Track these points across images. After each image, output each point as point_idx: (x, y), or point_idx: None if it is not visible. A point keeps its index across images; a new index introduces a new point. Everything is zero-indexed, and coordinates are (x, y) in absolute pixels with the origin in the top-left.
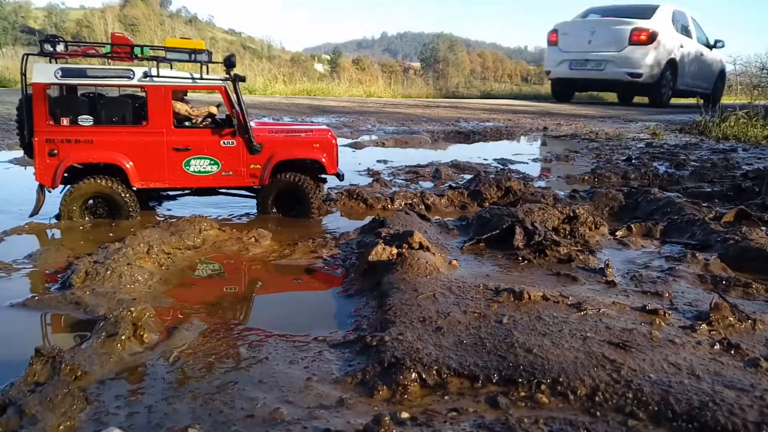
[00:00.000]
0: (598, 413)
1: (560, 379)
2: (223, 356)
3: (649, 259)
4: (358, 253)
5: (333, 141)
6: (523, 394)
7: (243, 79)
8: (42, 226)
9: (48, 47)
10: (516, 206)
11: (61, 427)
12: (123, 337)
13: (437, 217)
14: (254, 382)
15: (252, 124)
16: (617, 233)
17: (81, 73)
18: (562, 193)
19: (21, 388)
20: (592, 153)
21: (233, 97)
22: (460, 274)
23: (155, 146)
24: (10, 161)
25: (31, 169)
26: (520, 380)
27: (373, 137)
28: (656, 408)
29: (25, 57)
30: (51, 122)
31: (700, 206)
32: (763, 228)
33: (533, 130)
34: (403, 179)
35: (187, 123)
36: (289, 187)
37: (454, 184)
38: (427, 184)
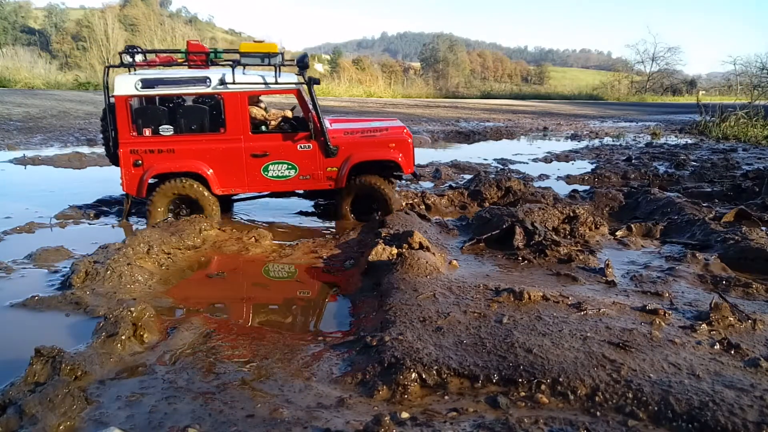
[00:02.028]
0: (598, 413)
1: (560, 379)
2: (223, 356)
3: (649, 259)
4: (358, 253)
5: (409, 140)
6: (523, 394)
7: (317, 82)
8: (42, 225)
9: (127, 58)
10: (516, 206)
11: (61, 427)
12: (123, 337)
13: (437, 217)
14: (255, 382)
15: (326, 122)
16: (617, 233)
17: (159, 83)
18: (562, 193)
19: (21, 388)
20: (592, 153)
21: (308, 100)
22: (460, 274)
23: (234, 153)
24: (10, 161)
25: (30, 169)
26: (520, 380)
27: None
28: (656, 408)
29: (107, 69)
30: (134, 133)
31: (700, 206)
32: (763, 228)
33: (533, 130)
34: (403, 179)
35: (263, 128)
36: (366, 191)
37: (454, 184)
38: (427, 184)
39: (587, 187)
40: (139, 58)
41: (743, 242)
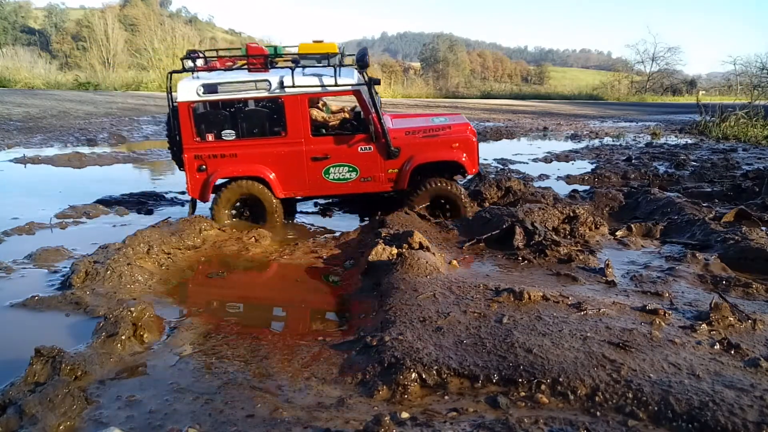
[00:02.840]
0: (598, 413)
1: (560, 379)
2: (223, 356)
3: (649, 259)
4: (358, 253)
5: (473, 138)
6: (523, 394)
7: (378, 82)
8: (42, 225)
9: (189, 63)
10: (516, 206)
11: (61, 427)
12: (123, 337)
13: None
14: (254, 382)
15: (387, 121)
16: (617, 233)
17: (221, 88)
18: (562, 193)
19: (21, 388)
20: (592, 153)
21: (369, 101)
22: (460, 274)
23: (295, 156)
24: (10, 161)
25: (30, 169)
26: (520, 380)
27: None
28: (656, 408)
29: (170, 75)
30: (198, 139)
31: (700, 206)
32: (763, 228)
33: (533, 130)
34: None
35: (323, 130)
36: (438, 194)
37: None
38: None
39: (587, 187)
40: (200, 62)
41: (743, 242)
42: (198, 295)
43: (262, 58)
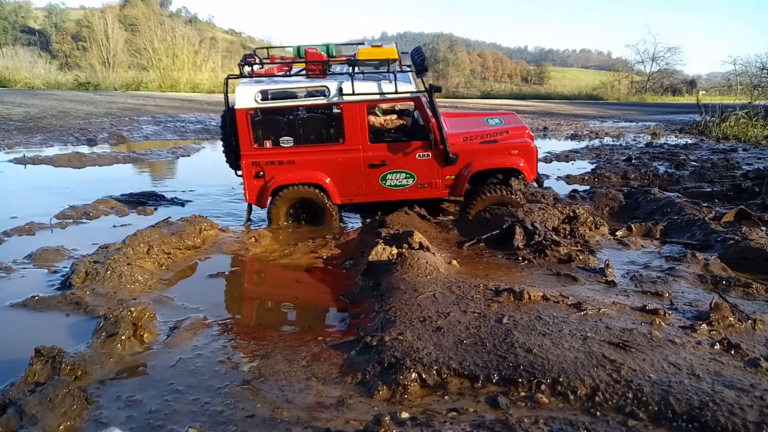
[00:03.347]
0: (598, 413)
1: (560, 379)
2: (224, 356)
3: (649, 259)
4: (358, 253)
5: (532, 145)
6: (523, 394)
7: (439, 89)
8: (42, 225)
9: (247, 69)
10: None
11: (61, 427)
12: (123, 337)
13: (437, 216)
14: (254, 382)
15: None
16: (617, 233)
17: (279, 95)
18: (562, 193)
19: (21, 388)
20: (592, 153)
21: (428, 108)
22: (460, 274)
23: (353, 163)
24: (10, 161)
25: (30, 169)
26: (520, 380)
27: None
28: (656, 408)
29: (227, 80)
30: (255, 145)
31: (700, 206)
32: (763, 228)
33: (533, 130)
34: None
35: (381, 136)
36: (499, 201)
37: None
38: None
39: (587, 187)
40: (257, 67)
41: (743, 242)
42: (198, 296)
43: (321, 65)
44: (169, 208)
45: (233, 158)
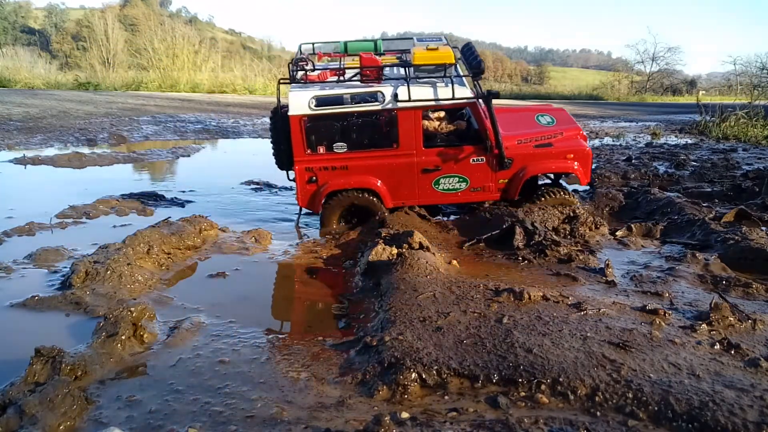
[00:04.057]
0: (598, 413)
1: (560, 379)
2: (224, 356)
3: (649, 259)
4: (358, 253)
5: (587, 149)
6: (523, 394)
7: (497, 95)
8: (42, 226)
9: (299, 73)
10: (516, 206)
11: (61, 427)
12: (123, 337)
13: (437, 216)
14: (254, 382)
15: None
16: (617, 233)
17: (333, 100)
18: None
19: (21, 388)
20: (592, 153)
21: (485, 113)
22: (460, 274)
23: (406, 168)
24: (10, 161)
25: (30, 169)
26: (520, 380)
27: None
28: (656, 408)
29: (279, 83)
30: (309, 151)
31: (700, 206)
32: (763, 228)
33: None
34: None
35: (435, 140)
36: (557, 203)
37: None
38: None
39: (587, 187)
40: (308, 70)
41: (743, 242)
42: (198, 296)
43: (376, 71)
44: (169, 208)
45: (284, 160)
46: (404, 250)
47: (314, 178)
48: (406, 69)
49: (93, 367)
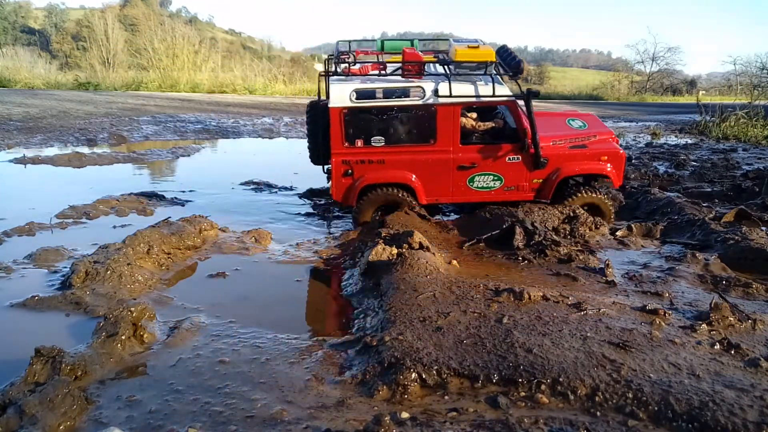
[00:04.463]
0: (598, 413)
1: (560, 379)
2: (224, 356)
3: (649, 259)
4: (358, 253)
5: (621, 152)
6: (523, 393)
7: (537, 94)
8: (42, 226)
9: (341, 66)
10: (516, 206)
11: (61, 427)
12: (123, 337)
13: (437, 216)
14: (254, 382)
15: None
16: (617, 233)
17: (374, 94)
18: None
19: (21, 388)
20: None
21: (524, 112)
22: (460, 274)
23: (442, 164)
24: (10, 161)
25: (30, 169)
26: (520, 380)
27: None
28: (656, 408)
29: (320, 76)
30: (347, 144)
31: (700, 206)
32: (763, 228)
33: None
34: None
35: (471, 138)
36: (588, 203)
37: None
38: None
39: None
40: (349, 64)
41: (743, 242)
42: (198, 296)
43: (418, 66)
44: (169, 208)
45: (321, 154)
46: (404, 250)
47: (350, 171)
48: (447, 65)
49: (93, 367)
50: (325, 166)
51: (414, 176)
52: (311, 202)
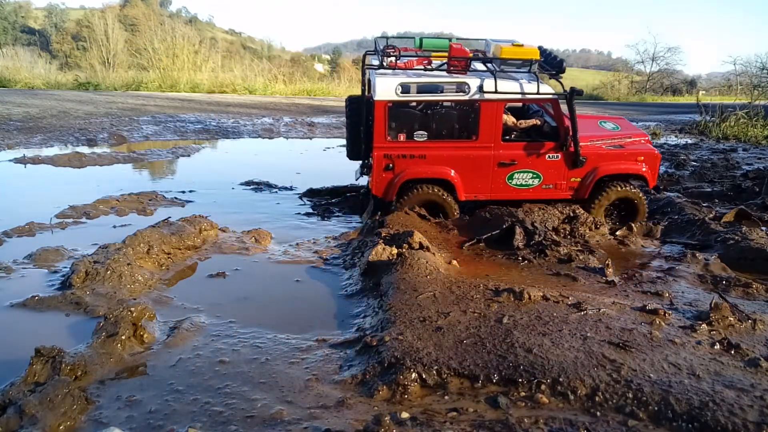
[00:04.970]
0: (598, 413)
1: (560, 379)
2: (224, 356)
3: (649, 259)
4: (358, 253)
5: (656, 152)
6: (523, 393)
7: (581, 93)
8: (42, 226)
9: (387, 60)
10: (516, 206)
11: (61, 427)
12: (123, 337)
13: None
14: (255, 382)
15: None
16: (617, 233)
17: (419, 89)
18: None
19: (21, 388)
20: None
21: (566, 110)
22: (460, 274)
23: (483, 160)
24: (10, 161)
25: (30, 169)
26: (520, 380)
27: None
28: (656, 408)
29: (365, 69)
30: (389, 138)
31: (700, 206)
32: (763, 228)
33: None
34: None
35: (511, 135)
36: (621, 197)
37: None
38: None
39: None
40: (394, 59)
41: (743, 242)
42: (198, 296)
43: (464, 61)
44: (169, 208)
45: (359, 149)
46: (404, 250)
47: (391, 165)
48: (488, 63)
49: (93, 367)
50: (359, 162)
51: (453, 172)
52: (311, 202)
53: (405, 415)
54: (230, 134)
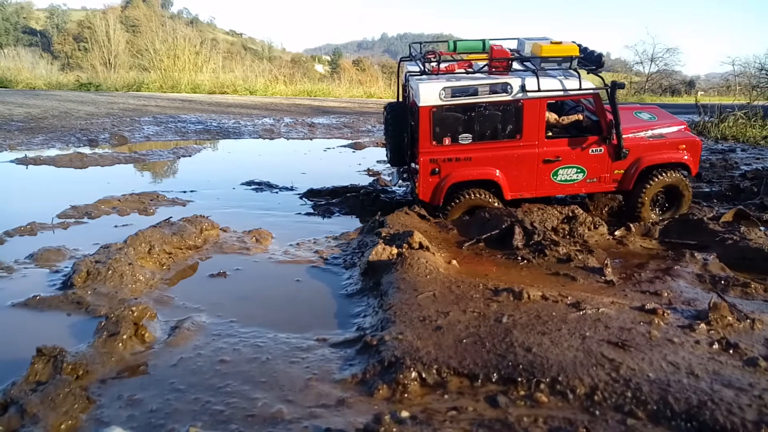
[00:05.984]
0: (597, 412)
1: (559, 378)
2: (225, 356)
3: (648, 258)
4: (358, 253)
5: (697, 139)
6: (522, 393)
7: (622, 86)
8: (44, 226)
9: (429, 65)
10: (516, 206)
11: (62, 426)
12: (124, 337)
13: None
14: (255, 382)
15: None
16: (616, 233)
17: (462, 92)
18: None
19: (23, 387)
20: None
21: (608, 104)
22: (459, 274)
23: (528, 159)
24: (12, 161)
25: (32, 169)
26: (519, 379)
27: (373, 138)
28: (655, 407)
29: (406, 75)
30: (434, 142)
31: (699, 206)
32: (762, 228)
33: None
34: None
35: (554, 131)
36: (666, 186)
37: None
38: None
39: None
40: (435, 64)
41: (742, 242)
42: (199, 295)
43: (506, 62)
44: (171, 208)
45: (403, 155)
46: (404, 249)
47: (437, 169)
48: (526, 61)
49: (94, 367)
50: (400, 168)
51: (498, 172)
52: (311, 202)
53: (405, 413)
54: (231, 135)
